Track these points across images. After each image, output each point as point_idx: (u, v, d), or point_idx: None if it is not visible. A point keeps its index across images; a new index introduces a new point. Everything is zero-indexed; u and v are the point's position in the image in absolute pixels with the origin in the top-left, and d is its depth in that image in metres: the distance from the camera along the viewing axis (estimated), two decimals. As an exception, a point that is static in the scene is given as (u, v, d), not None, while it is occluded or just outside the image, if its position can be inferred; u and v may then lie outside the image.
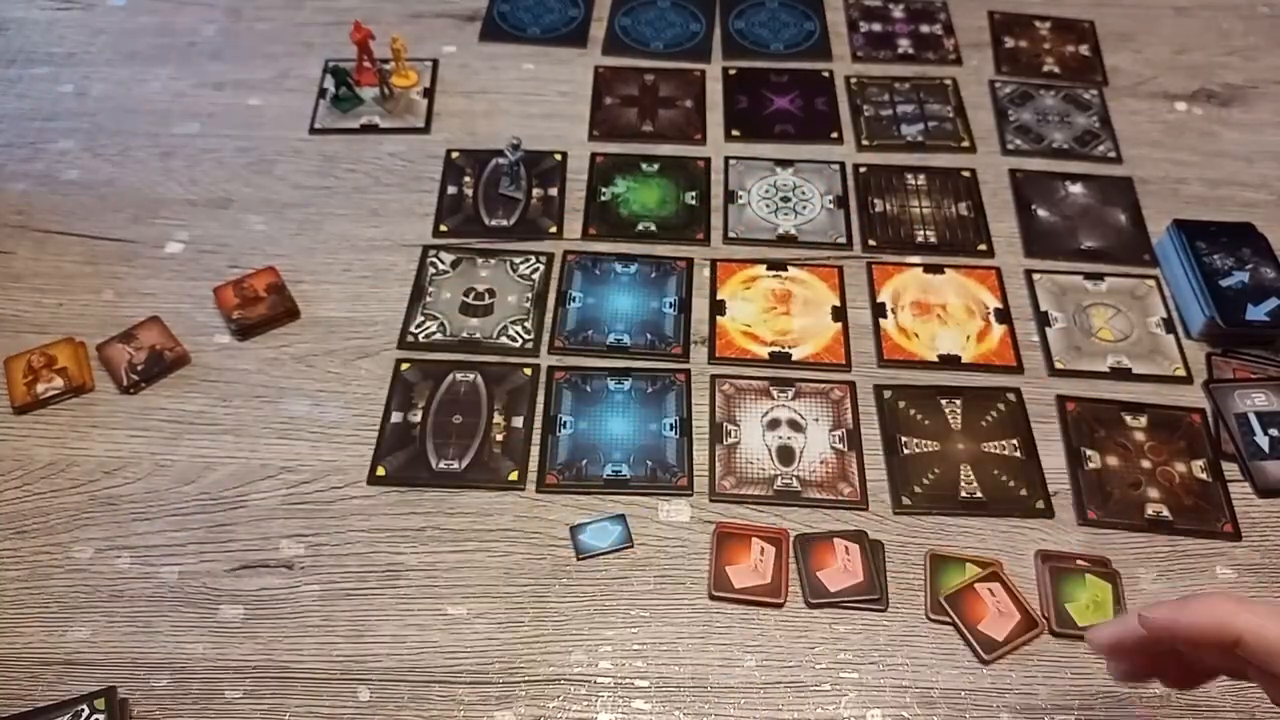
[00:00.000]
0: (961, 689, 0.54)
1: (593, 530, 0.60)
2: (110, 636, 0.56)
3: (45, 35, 0.90)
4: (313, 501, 0.61)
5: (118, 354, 0.67)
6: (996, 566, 0.58)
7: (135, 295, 0.71)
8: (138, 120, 0.83)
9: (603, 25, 0.92)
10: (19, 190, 0.77)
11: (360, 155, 0.81)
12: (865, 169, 0.81)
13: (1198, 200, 0.79)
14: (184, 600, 0.57)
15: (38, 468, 0.62)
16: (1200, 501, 0.62)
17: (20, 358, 0.66)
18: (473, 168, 0.80)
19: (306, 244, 0.74)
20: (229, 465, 0.62)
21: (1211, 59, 0.91)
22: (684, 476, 0.62)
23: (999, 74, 0.89)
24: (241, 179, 0.79)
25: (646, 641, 0.56)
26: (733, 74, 0.88)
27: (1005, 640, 0.55)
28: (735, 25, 0.92)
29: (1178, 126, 0.85)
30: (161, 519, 0.60)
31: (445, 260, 0.74)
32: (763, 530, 0.60)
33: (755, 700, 0.54)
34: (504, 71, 0.87)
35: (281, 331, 0.69)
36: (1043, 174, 0.81)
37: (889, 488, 0.62)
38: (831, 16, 0.93)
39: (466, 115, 0.84)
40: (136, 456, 0.63)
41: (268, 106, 0.84)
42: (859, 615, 0.57)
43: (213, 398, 0.66)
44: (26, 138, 0.81)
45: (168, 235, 0.75)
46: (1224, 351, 0.70)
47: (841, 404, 0.66)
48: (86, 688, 0.53)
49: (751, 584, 0.57)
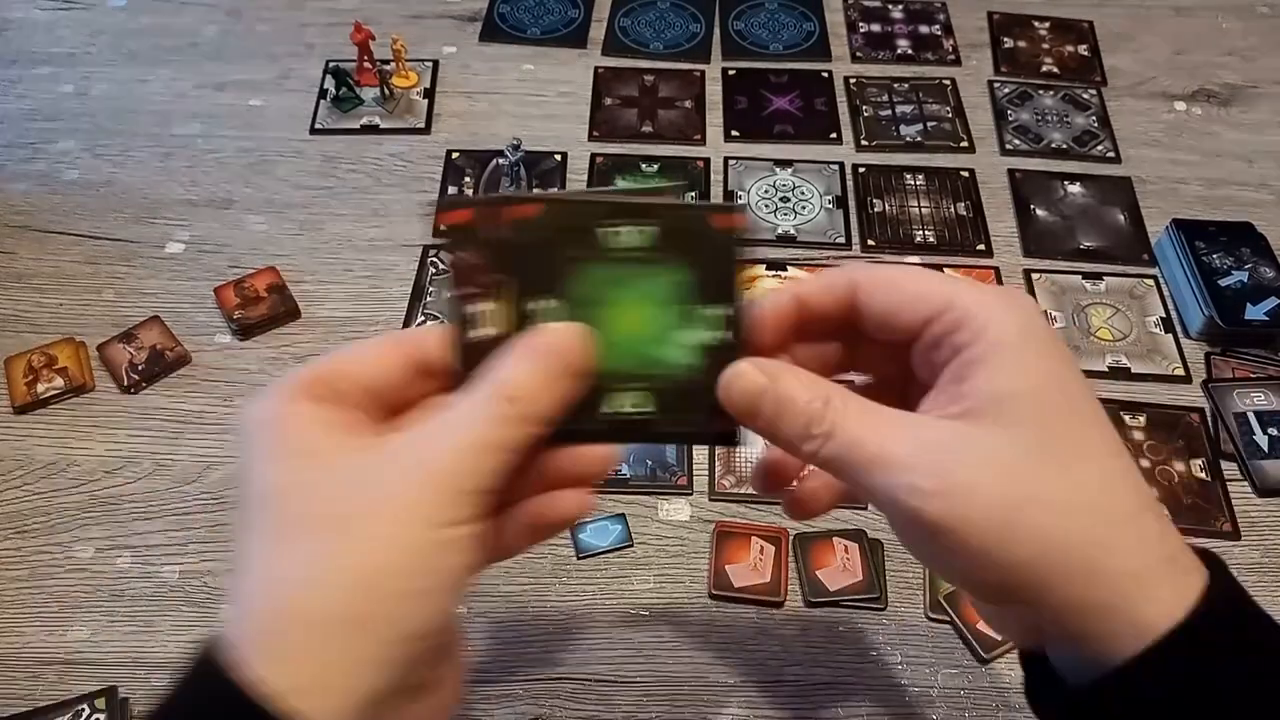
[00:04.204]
0: (961, 688, 0.54)
1: (593, 529, 0.60)
2: (110, 636, 0.56)
3: (45, 35, 0.90)
4: (313, 501, 0.61)
5: (118, 354, 0.67)
6: (996, 566, 0.58)
7: (136, 295, 0.71)
8: (138, 120, 0.83)
9: (603, 26, 0.92)
10: (20, 190, 0.77)
11: (361, 155, 0.81)
12: (864, 169, 0.81)
13: (1197, 200, 0.79)
14: (185, 600, 0.57)
15: (38, 467, 0.62)
16: (1199, 501, 0.62)
17: (20, 358, 0.66)
18: (473, 168, 0.80)
19: (307, 244, 0.74)
20: (229, 465, 0.63)
21: (1211, 59, 0.91)
22: (684, 476, 0.63)
23: (998, 74, 0.89)
24: (242, 179, 0.79)
25: (646, 640, 0.56)
26: (732, 74, 0.88)
27: (1005, 640, 0.55)
28: (735, 26, 0.92)
29: (1177, 126, 0.85)
30: (162, 518, 0.60)
31: (445, 260, 0.74)
32: (762, 529, 0.60)
33: (755, 700, 0.54)
34: (504, 72, 0.88)
35: (282, 331, 0.69)
36: (1041, 174, 0.81)
37: (888, 487, 0.62)
38: (831, 17, 0.94)
39: (466, 116, 0.84)
40: (137, 456, 0.63)
41: (268, 107, 0.84)
42: (858, 614, 0.57)
43: (213, 397, 0.66)
44: (27, 138, 0.81)
45: (168, 235, 0.75)
46: (1223, 351, 0.70)
47: (841, 404, 0.66)
48: (87, 687, 0.53)
49: (751, 583, 0.58)
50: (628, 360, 0.34)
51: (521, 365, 0.33)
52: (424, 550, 0.30)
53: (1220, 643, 0.30)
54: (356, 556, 0.30)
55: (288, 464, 0.32)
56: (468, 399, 0.32)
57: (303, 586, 0.30)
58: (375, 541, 0.30)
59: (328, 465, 0.31)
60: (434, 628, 0.32)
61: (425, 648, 0.32)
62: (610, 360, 0.34)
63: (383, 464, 0.31)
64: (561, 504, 0.36)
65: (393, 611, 0.30)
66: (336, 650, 0.30)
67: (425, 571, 0.31)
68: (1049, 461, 0.30)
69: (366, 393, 0.34)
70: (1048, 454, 0.30)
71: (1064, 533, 0.30)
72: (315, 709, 0.29)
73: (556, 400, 0.33)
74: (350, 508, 0.31)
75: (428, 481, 0.31)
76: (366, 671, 0.30)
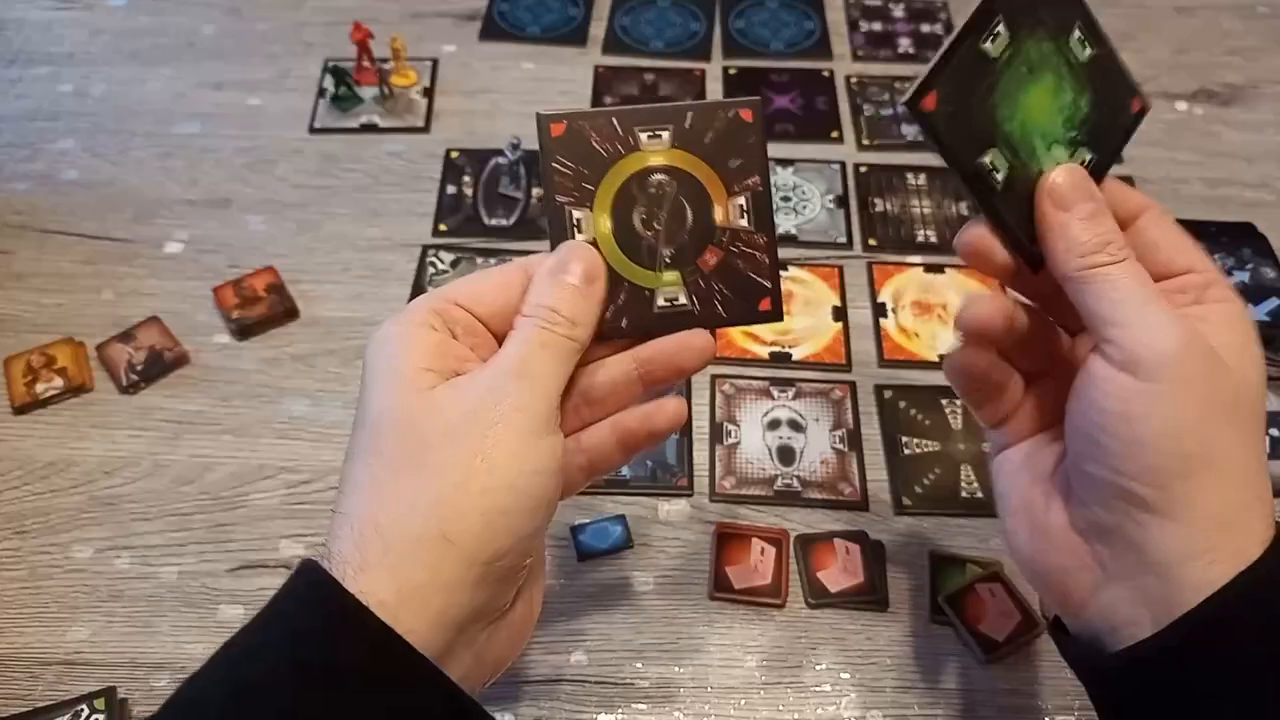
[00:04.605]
0: (961, 689, 0.54)
1: (593, 531, 0.60)
2: (110, 636, 0.56)
3: (45, 35, 0.90)
4: (313, 502, 0.61)
5: (117, 354, 0.67)
6: (997, 566, 0.58)
7: (135, 295, 0.71)
8: (138, 120, 0.83)
9: (602, 25, 0.92)
10: (19, 190, 0.77)
11: (360, 155, 0.81)
12: (865, 168, 0.81)
13: (1198, 200, 0.79)
14: (184, 600, 0.57)
15: (37, 468, 0.62)
16: (1201, 501, 0.62)
17: (20, 357, 0.66)
18: (472, 167, 0.80)
19: (306, 244, 0.74)
20: (229, 465, 0.62)
21: (1212, 59, 0.90)
22: (684, 477, 0.62)
23: (999, 74, 0.89)
24: (241, 179, 0.79)
25: (647, 642, 0.56)
26: (733, 73, 0.88)
27: (1005, 640, 0.55)
28: (735, 25, 0.92)
29: (1178, 126, 0.85)
30: (161, 519, 0.60)
31: (445, 260, 0.74)
32: (763, 530, 0.60)
33: (755, 700, 0.54)
34: (504, 71, 0.87)
35: (281, 331, 0.69)
36: (1043, 174, 0.81)
37: (889, 488, 0.62)
38: (832, 16, 0.93)
39: (466, 115, 0.84)
40: (136, 456, 0.63)
41: (267, 106, 0.84)
42: (859, 615, 0.57)
43: (212, 398, 0.66)
44: (26, 138, 0.81)
45: (167, 235, 0.75)
46: (1224, 351, 0.70)
47: (842, 404, 0.66)
48: (86, 688, 0.53)
49: (751, 584, 0.57)
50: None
51: (542, 284, 0.37)
52: (504, 466, 0.34)
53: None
54: (445, 479, 0.33)
55: (389, 393, 0.35)
56: (517, 326, 0.37)
57: (398, 509, 0.33)
58: (460, 466, 0.33)
59: (420, 397, 0.35)
60: (522, 550, 0.35)
61: (511, 569, 0.35)
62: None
63: (463, 392, 0.35)
64: (662, 412, 0.40)
65: (481, 532, 0.33)
66: (430, 569, 0.32)
67: (508, 488, 0.34)
68: (1237, 412, 0.35)
69: (483, 319, 0.38)
70: (1239, 405, 0.35)
71: (1255, 461, 0.35)
72: (410, 623, 0.32)
73: (580, 304, 0.37)
74: (436, 434, 0.34)
75: (498, 394, 0.35)
76: (455, 591, 0.33)
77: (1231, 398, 0.34)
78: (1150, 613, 0.34)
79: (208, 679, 0.32)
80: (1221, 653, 0.33)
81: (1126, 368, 0.34)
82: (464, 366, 0.37)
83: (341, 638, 0.31)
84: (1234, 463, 0.34)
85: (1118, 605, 0.36)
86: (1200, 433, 0.34)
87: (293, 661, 0.32)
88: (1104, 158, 0.40)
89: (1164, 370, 0.33)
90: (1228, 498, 0.34)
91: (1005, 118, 0.37)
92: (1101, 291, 0.35)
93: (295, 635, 0.32)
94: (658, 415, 0.40)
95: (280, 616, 0.34)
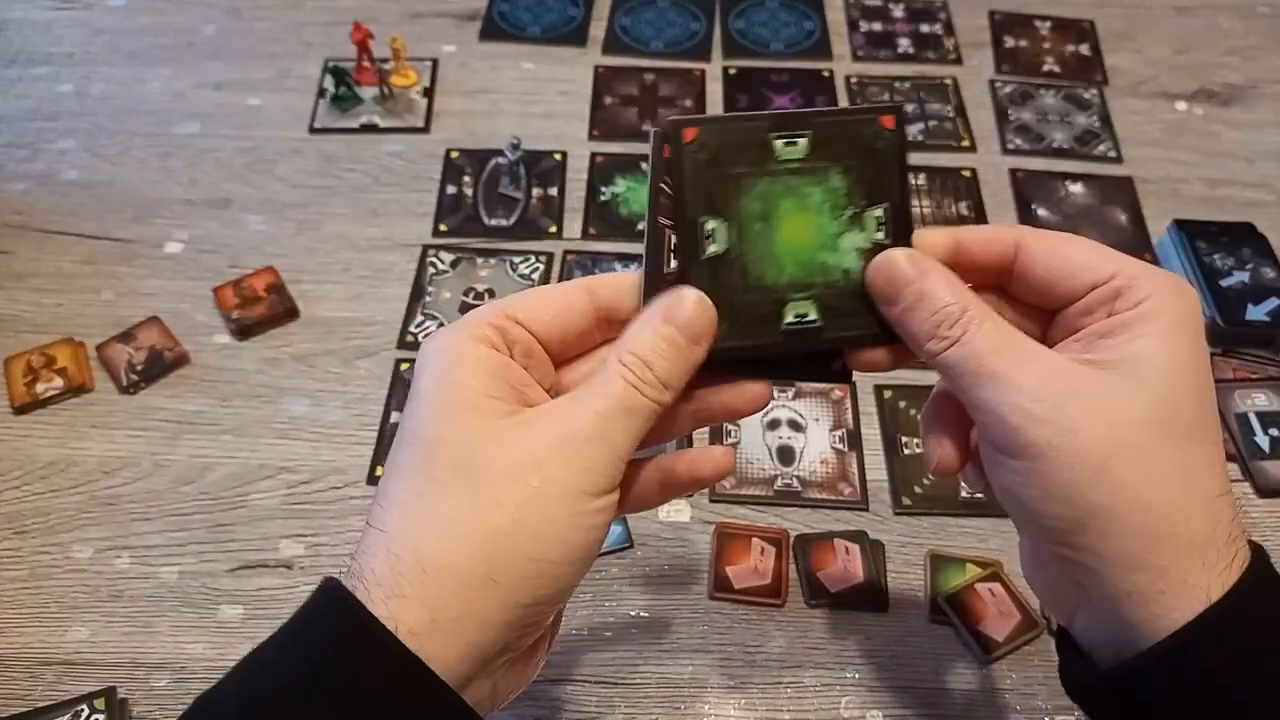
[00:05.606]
0: (961, 689, 0.54)
1: (593, 530, 0.60)
2: (110, 636, 0.56)
3: (45, 35, 0.90)
4: (312, 501, 0.61)
5: (117, 354, 0.67)
6: (997, 566, 0.58)
7: (135, 295, 0.71)
8: (137, 120, 0.83)
9: (602, 25, 0.92)
10: (19, 190, 0.77)
11: (360, 155, 0.81)
12: (865, 169, 0.81)
13: (1198, 200, 0.79)
14: (184, 600, 0.57)
15: (37, 468, 0.62)
16: (1200, 501, 0.62)
17: (20, 358, 0.66)
18: (472, 167, 0.80)
19: (306, 244, 0.74)
20: (228, 465, 0.62)
21: (1211, 59, 0.90)
22: (684, 476, 0.62)
23: (999, 73, 0.89)
24: (241, 179, 0.79)
25: (647, 641, 0.56)
26: (733, 73, 0.88)
27: (1005, 640, 0.55)
28: (735, 25, 0.92)
29: (1178, 126, 0.85)
30: (161, 519, 0.60)
31: (445, 260, 0.73)
32: (763, 530, 0.60)
33: (755, 700, 0.54)
34: (504, 71, 0.87)
35: (281, 331, 0.69)
36: (1043, 173, 0.81)
37: (889, 488, 0.62)
38: (832, 16, 0.93)
39: (466, 115, 0.84)
40: (136, 456, 0.63)
41: (267, 106, 0.84)
42: (859, 615, 0.57)
43: (212, 398, 0.66)
44: (26, 138, 0.81)
45: (167, 235, 0.75)
46: (1224, 351, 0.70)
47: (842, 404, 0.66)
48: (86, 688, 0.53)
49: (752, 584, 0.57)
50: (796, 270, 0.36)
51: (644, 333, 0.34)
52: (561, 520, 0.32)
53: (1268, 611, 0.32)
54: (499, 519, 0.32)
55: (448, 415, 0.33)
56: (602, 370, 0.34)
57: (445, 540, 0.32)
58: (517, 508, 0.32)
59: (482, 425, 0.33)
60: (561, 597, 0.34)
61: (548, 612, 0.34)
62: (780, 273, 0.36)
63: (531, 434, 0.33)
64: (709, 460, 0.38)
65: (528, 576, 0.32)
66: (467, 604, 0.31)
67: (560, 541, 0.32)
68: (1165, 428, 0.32)
69: (541, 339, 0.36)
70: (1167, 421, 0.32)
71: (1152, 493, 0.31)
72: (436, 654, 0.31)
73: (679, 367, 0.34)
74: (497, 472, 0.32)
75: (568, 452, 0.33)
76: (491, 628, 0.32)
77: (1126, 435, 0.32)
78: (1110, 639, 0.34)
79: (222, 693, 0.32)
80: (1188, 680, 0.32)
81: (996, 447, 0.34)
82: (526, 394, 0.35)
83: (364, 659, 0.31)
84: (1147, 500, 0.32)
85: (1091, 626, 0.35)
86: (1086, 492, 0.32)
87: (309, 679, 0.31)
88: (895, 199, 0.37)
89: (1026, 450, 0.32)
90: (1142, 541, 0.32)
91: (753, 214, 0.36)
92: (950, 377, 0.34)
93: (314, 654, 0.32)
94: (704, 463, 0.38)
95: (300, 634, 0.33)
